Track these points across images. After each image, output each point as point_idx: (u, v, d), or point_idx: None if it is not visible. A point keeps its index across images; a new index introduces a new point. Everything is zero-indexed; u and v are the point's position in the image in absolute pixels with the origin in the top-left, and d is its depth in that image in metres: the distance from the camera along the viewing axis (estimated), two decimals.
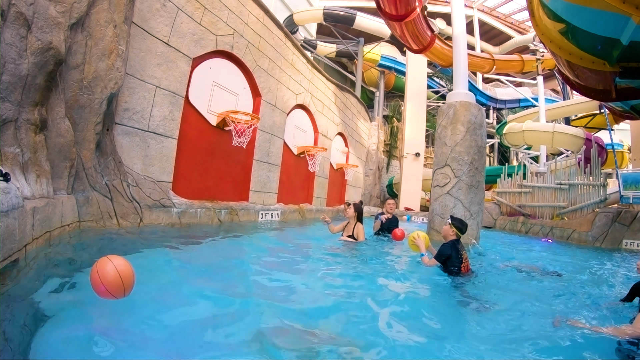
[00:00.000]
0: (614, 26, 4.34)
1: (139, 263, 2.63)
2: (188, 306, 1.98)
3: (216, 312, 1.95)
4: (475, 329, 2.11)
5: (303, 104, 8.50)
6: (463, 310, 2.51)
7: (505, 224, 11.16)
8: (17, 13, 2.26)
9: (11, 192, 1.82)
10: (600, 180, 8.97)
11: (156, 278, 2.37)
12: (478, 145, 6.05)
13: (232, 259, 3.28)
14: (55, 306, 1.69)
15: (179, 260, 2.95)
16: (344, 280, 2.93)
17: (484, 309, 2.49)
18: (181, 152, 4.90)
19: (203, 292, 2.18)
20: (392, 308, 2.28)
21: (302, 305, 2.23)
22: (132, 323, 1.68)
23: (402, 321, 2.09)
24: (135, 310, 1.81)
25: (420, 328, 2.05)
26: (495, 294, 2.93)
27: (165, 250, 3.18)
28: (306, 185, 9.13)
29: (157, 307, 1.91)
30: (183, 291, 2.21)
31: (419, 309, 2.34)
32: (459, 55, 6.80)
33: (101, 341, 1.50)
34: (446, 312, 2.43)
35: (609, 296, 3.03)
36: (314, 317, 2.04)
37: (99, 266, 1.64)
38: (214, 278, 2.60)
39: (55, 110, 2.88)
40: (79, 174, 3.31)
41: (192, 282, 2.40)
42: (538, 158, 14.64)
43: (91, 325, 1.62)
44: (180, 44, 4.71)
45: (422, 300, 2.62)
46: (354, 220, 4.66)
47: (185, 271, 2.68)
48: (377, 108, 18.23)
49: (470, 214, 5.86)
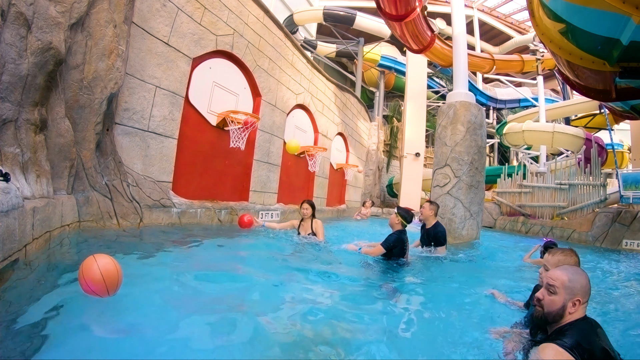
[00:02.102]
0: (614, 26, 4.34)
1: (140, 263, 2.65)
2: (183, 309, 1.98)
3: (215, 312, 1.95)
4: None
5: (303, 104, 8.50)
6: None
7: (505, 224, 11.16)
8: (17, 13, 2.26)
9: (11, 192, 1.82)
10: (600, 180, 8.97)
11: (156, 278, 2.37)
12: (478, 145, 6.05)
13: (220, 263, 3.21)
14: (55, 306, 1.69)
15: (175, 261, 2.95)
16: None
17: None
18: (181, 152, 4.90)
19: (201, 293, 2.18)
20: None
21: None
22: (132, 323, 1.68)
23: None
24: (136, 310, 1.81)
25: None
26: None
27: (164, 251, 3.18)
28: (306, 185, 9.13)
29: (157, 306, 1.91)
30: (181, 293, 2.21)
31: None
32: (459, 55, 6.80)
33: (102, 341, 1.51)
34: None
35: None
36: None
37: (84, 265, 1.67)
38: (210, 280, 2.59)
39: (55, 110, 2.88)
40: (79, 174, 3.31)
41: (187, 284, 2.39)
42: (538, 158, 14.64)
43: (91, 325, 1.62)
44: (180, 44, 4.71)
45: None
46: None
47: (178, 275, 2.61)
48: (377, 108, 18.22)
49: (470, 214, 5.86)
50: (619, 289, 3.52)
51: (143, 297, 1.99)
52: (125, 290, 1.84)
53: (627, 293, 3.34)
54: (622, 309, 2.69)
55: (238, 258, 3.52)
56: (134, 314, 1.78)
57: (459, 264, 4.25)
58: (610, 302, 2.88)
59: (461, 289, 2.93)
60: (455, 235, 5.79)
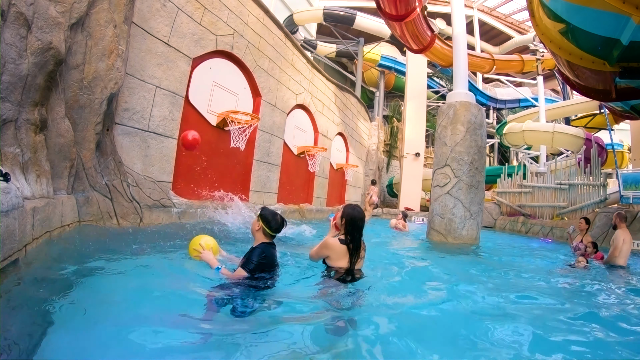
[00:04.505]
0: (614, 26, 4.35)
1: (139, 263, 2.64)
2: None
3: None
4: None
5: (303, 104, 8.50)
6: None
7: (505, 224, 11.16)
8: (17, 13, 2.26)
9: (11, 192, 1.82)
10: (600, 180, 8.97)
11: (158, 278, 2.37)
12: (478, 145, 6.05)
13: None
14: (55, 306, 1.69)
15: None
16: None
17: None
18: (181, 152, 4.90)
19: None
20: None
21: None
22: (132, 323, 1.68)
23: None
24: (136, 310, 1.81)
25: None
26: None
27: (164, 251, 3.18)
28: (306, 185, 9.13)
29: (158, 306, 1.91)
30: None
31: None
32: (459, 55, 6.81)
33: (102, 341, 1.50)
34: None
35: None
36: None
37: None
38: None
39: (55, 110, 2.88)
40: (79, 174, 3.31)
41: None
42: (538, 158, 14.65)
43: (92, 325, 1.62)
44: (180, 44, 4.71)
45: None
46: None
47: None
48: (377, 108, 18.23)
49: (470, 214, 5.86)
50: (619, 288, 3.52)
51: (143, 296, 1.99)
52: (125, 291, 1.84)
53: (627, 293, 3.34)
54: (622, 308, 2.69)
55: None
56: (135, 314, 1.78)
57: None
58: (611, 302, 2.89)
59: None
60: (455, 235, 5.79)
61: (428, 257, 4.54)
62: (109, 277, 2.24)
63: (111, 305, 1.84)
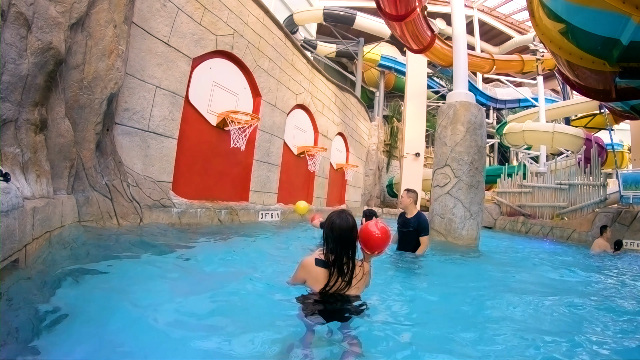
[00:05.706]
0: (614, 26, 4.34)
1: (139, 263, 2.65)
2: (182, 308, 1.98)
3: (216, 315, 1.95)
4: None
5: (303, 104, 8.50)
6: None
7: (505, 224, 11.16)
8: (17, 13, 2.26)
9: (11, 192, 1.82)
10: (600, 180, 8.97)
11: (158, 278, 2.37)
12: (478, 145, 6.05)
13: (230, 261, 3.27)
14: (56, 306, 1.69)
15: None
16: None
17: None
18: (181, 152, 4.90)
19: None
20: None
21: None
22: (132, 323, 1.68)
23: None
24: (136, 310, 1.81)
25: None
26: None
27: (165, 251, 3.18)
28: (306, 185, 9.13)
29: (158, 305, 1.91)
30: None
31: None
32: (459, 55, 6.81)
33: (102, 341, 1.50)
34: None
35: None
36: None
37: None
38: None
39: (55, 110, 2.88)
40: (79, 174, 3.31)
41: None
42: (538, 158, 14.65)
43: (92, 325, 1.62)
44: (180, 44, 4.71)
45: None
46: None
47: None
48: (377, 108, 18.24)
49: (470, 214, 5.86)
50: (619, 289, 3.52)
51: (143, 296, 1.99)
52: (125, 291, 1.84)
53: (627, 293, 3.34)
54: (622, 309, 2.69)
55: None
56: (135, 314, 1.78)
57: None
58: (610, 303, 2.89)
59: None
60: (456, 235, 5.79)
61: (428, 257, 4.53)
62: (109, 277, 2.24)
63: (111, 305, 1.84)
